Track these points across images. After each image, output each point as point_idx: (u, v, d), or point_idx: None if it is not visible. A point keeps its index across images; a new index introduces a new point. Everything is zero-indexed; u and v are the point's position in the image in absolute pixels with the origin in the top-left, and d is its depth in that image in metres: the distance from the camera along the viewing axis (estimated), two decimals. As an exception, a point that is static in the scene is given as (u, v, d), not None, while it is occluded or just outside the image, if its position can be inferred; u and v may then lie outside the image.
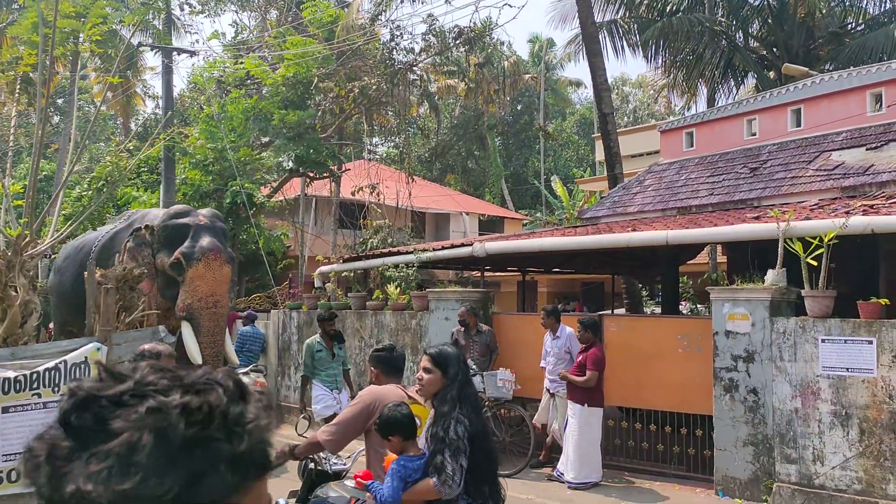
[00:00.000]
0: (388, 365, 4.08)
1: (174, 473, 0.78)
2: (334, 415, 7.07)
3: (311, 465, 4.48)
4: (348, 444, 3.96)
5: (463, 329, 9.19)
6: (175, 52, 16.33)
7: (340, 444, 3.93)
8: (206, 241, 8.18)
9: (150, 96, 33.73)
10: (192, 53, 16.46)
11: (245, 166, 15.17)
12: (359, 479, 3.52)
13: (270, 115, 15.70)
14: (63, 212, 13.89)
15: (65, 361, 5.06)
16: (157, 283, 8.48)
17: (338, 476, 4.67)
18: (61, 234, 9.27)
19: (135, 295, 6.06)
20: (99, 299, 5.40)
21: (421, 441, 3.55)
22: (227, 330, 8.63)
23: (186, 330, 8.00)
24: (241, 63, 16.97)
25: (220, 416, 0.83)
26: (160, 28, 15.60)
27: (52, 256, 16.24)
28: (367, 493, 3.54)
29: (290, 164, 16.74)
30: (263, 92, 17.20)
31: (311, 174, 17.12)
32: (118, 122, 34.46)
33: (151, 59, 29.64)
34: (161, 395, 0.83)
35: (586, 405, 7.95)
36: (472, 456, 3.43)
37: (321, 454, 4.29)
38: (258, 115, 15.86)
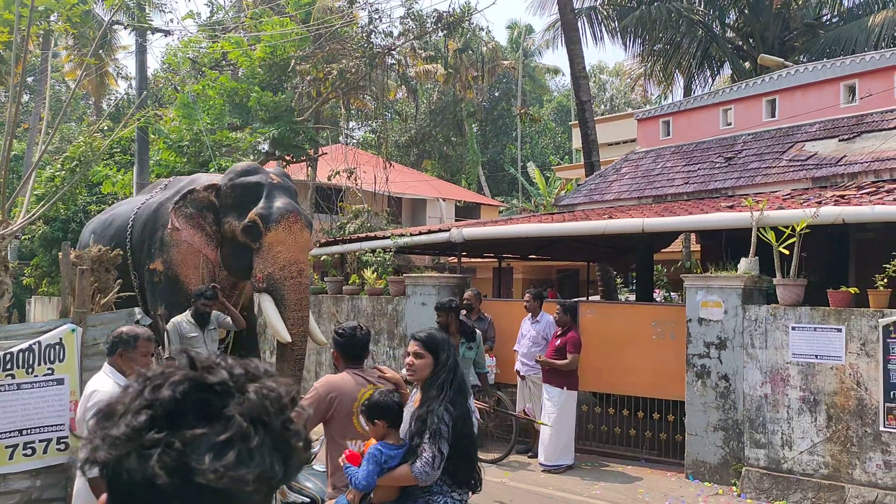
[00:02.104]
0: (346, 350, 3.87)
1: (277, 456, 0.84)
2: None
3: None
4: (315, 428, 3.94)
5: (465, 312, 9.21)
6: (149, 32, 16.06)
7: None
8: (282, 201, 7.21)
9: (122, 77, 33.18)
10: (167, 33, 16.17)
11: (221, 148, 15.01)
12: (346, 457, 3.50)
13: (247, 96, 15.54)
14: (35, 192, 13.66)
15: (39, 342, 5.00)
16: (223, 253, 7.48)
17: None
18: (33, 214, 9.12)
19: (110, 276, 5.99)
20: (74, 280, 5.34)
21: (404, 427, 3.53)
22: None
23: (268, 304, 7.05)
24: (218, 44, 16.75)
25: (291, 402, 0.90)
26: (135, 7, 15.32)
27: (23, 237, 15.99)
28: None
29: (266, 146, 16.60)
30: (239, 74, 17.01)
31: (288, 157, 16.99)
32: (90, 102, 33.87)
33: (125, 39, 29.11)
34: (254, 383, 0.89)
35: (565, 388, 8.04)
36: (455, 440, 3.44)
37: None
38: (234, 96, 15.69)
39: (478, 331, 7.42)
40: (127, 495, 0.81)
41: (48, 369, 5.02)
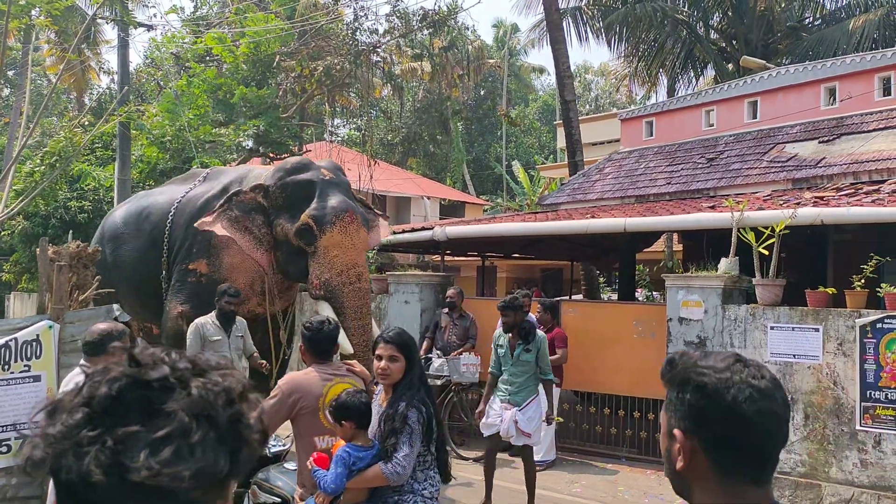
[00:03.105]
0: (312, 344, 3.81)
1: (223, 452, 0.83)
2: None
3: None
4: (283, 425, 3.92)
5: (447, 310, 9.22)
6: (132, 27, 15.93)
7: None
8: (336, 199, 6.66)
9: (105, 71, 32.88)
10: (150, 28, 16.06)
11: (204, 144, 14.92)
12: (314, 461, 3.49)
13: (231, 92, 15.45)
14: (14, 187, 13.51)
15: (15, 339, 4.95)
16: (276, 257, 6.95)
17: (277, 459, 4.64)
18: (12, 209, 9.03)
19: (88, 273, 5.93)
20: (52, 277, 5.29)
21: (373, 427, 3.50)
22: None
23: (327, 312, 6.31)
24: (202, 39, 16.64)
25: (241, 396, 0.89)
26: (118, 1, 15.18)
27: (2, 233, 15.82)
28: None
29: (250, 143, 16.52)
30: (223, 69, 16.91)
31: (272, 154, 16.92)
32: (72, 97, 33.54)
33: (108, 33, 28.86)
34: (199, 378, 0.87)
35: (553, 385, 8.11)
36: (427, 437, 3.43)
37: None
38: (217, 91, 15.60)
39: (540, 331, 6.74)
40: (69, 493, 0.81)
41: (25, 366, 4.98)
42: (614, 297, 16.53)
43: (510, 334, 6.50)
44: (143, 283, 7.63)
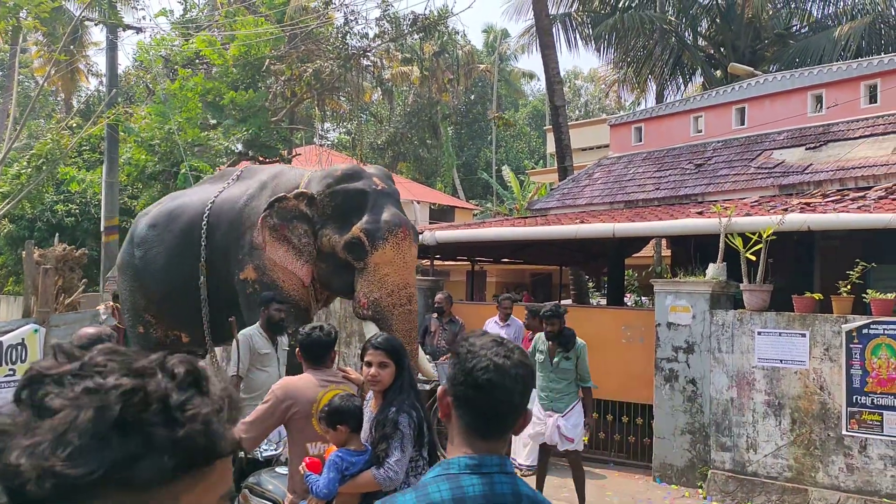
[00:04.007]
0: (306, 350, 3.81)
1: (104, 454, 0.79)
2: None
3: (241, 453, 4.41)
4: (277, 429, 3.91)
5: (436, 315, 9.22)
6: (120, 29, 15.87)
7: (257, 442, 3.87)
8: (389, 213, 6.22)
9: (93, 74, 32.72)
10: (139, 30, 16.01)
11: (193, 147, 14.87)
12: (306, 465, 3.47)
13: (220, 95, 15.42)
14: (0, 190, 13.41)
15: (0, 343, 4.91)
16: (320, 269, 6.47)
17: (268, 463, 4.62)
18: (-2, 212, 8.95)
19: (74, 276, 5.89)
20: (37, 280, 5.25)
21: (364, 433, 3.49)
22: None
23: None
24: (192, 42, 16.60)
25: (158, 401, 0.83)
26: (106, 3, 15.12)
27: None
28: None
29: (239, 146, 16.48)
30: (213, 72, 16.86)
31: (261, 158, 16.88)
32: (59, 99, 33.35)
33: (96, 35, 28.72)
34: (102, 377, 0.83)
35: None
36: (419, 442, 3.43)
37: None
38: (207, 94, 15.56)
39: (579, 339, 6.58)
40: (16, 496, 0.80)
41: (10, 370, 4.94)
42: (603, 302, 16.58)
43: (551, 342, 6.47)
44: (173, 288, 7.02)
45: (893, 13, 17.15)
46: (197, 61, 17.59)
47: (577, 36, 19.73)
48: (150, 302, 7.14)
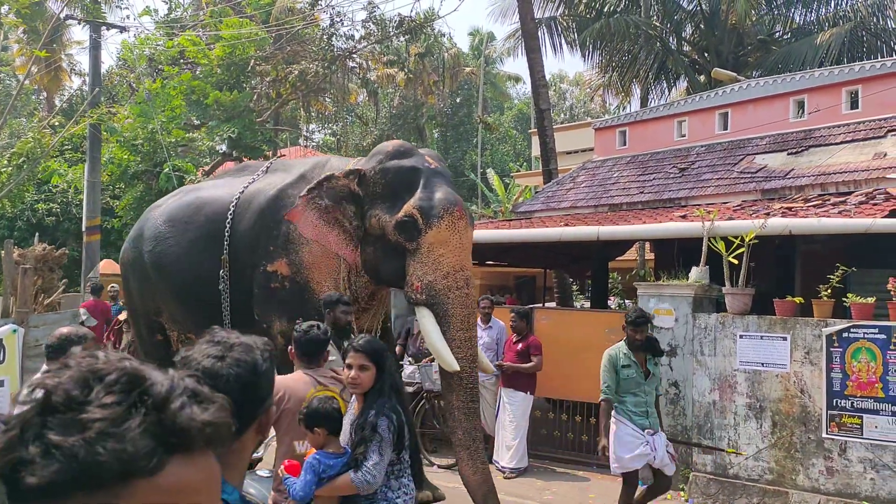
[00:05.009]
0: (299, 348, 3.80)
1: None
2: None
3: None
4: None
5: None
6: (104, 27, 15.75)
7: None
8: (443, 191, 5.82)
9: (76, 72, 32.45)
10: (123, 29, 15.86)
11: (176, 147, 14.77)
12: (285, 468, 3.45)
13: (205, 95, 15.33)
14: (-21, 188, 13.25)
15: (-23, 344, 4.85)
16: (366, 254, 6.02)
17: (250, 466, 4.59)
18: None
19: (54, 276, 5.82)
20: (16, 280, 5.19)
21: (344, 436, 3.48)
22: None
23: (429, 321, 5.64)
24: (176, 41, 16.50)
25: (63, 405, 0.76)
26: (90, 1, 15.01)
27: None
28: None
29: (224, 147, 16.39)
30: (197, 72, 16.77)
31: (245, 158, 16.80)
32: (42, 98, 33.04)
33: (79, 34, 28.49)
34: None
35: (528, 393, 8.18)
36: (399, 445, 3.42)
37: None
38: (191, 94, 15.48)
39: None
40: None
41: (-13, 371, 4.87)
42: (587, 304, 16.63)
43: (636, 351, 5.90)
44: (191, 286, 6.54)
45: (874, 20, 17.36)
46: (182, 61, 17.49)
47: (563, 40, 19.82)
48: (164, 302, 6.71)
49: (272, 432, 3.97)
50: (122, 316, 8.37)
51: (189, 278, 6.50)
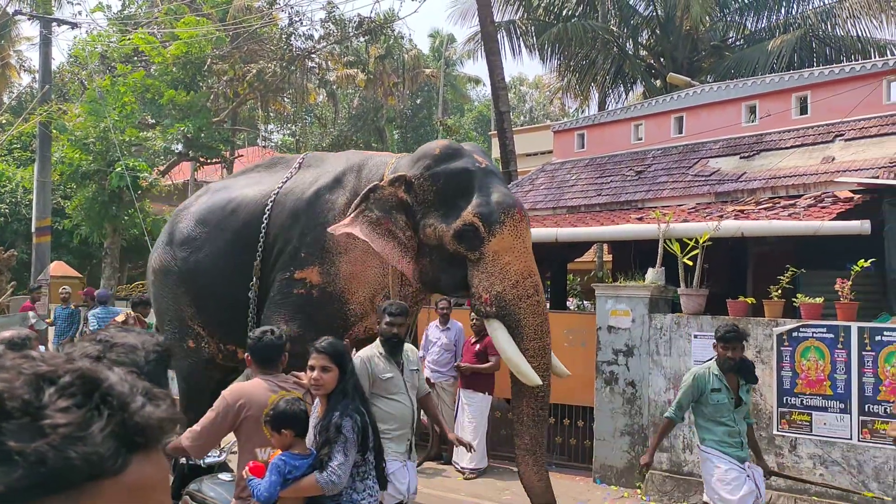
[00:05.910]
0: (255, 354, 3.75)
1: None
2: None
3: (183, 459, 4.32)
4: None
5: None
6: (55, 23, 15.36)
7: (205, 450, 3.78)
8: (500, 192, 5.47)
9: (25, 69, 31.59)
10: (74, 25, 15.50)
11: (130, 147, 14.49)
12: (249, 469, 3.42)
13: (159, 94, 15.07)
14: (-78, 188, 12.82)
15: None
16: (422, 265, 5.63)
17: (211, 469, 4.54)
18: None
19: (3, 278, 5.65)
20: (-39, 282, 5.04)
21: (310, 438, 3.47)
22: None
23: (501, 333, 5.36)
24: (129, 38, 16.18)
25: (19, 408, 0.73)
26: (39, -4, 14.64)
27: None
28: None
29: (179, 146, 16.13)
30: (152, 70, 16.47)
31: (202, 158, 16.56)
32: (-11, 95, 32.08)
33: (28, 29, 27.77)
34: None
35: (486, 394, 8.21)
36: (363, 446, 3.42)
37: None
38: (146, 93, 15.20)
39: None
40: None
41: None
42: (546, 306, 16.76)
43: (727, 373, 5.20)
44: (226, 295, 6.19)
45: (823, 27, 17.85)
46: (136, 59, 17.15)
47: (522, 43, 19.94)
48: (200, 310, 6.33)
49: (233, 438, 3.93)
50: (120, 318, 8.24)
51: (223, 288, 6.22)
